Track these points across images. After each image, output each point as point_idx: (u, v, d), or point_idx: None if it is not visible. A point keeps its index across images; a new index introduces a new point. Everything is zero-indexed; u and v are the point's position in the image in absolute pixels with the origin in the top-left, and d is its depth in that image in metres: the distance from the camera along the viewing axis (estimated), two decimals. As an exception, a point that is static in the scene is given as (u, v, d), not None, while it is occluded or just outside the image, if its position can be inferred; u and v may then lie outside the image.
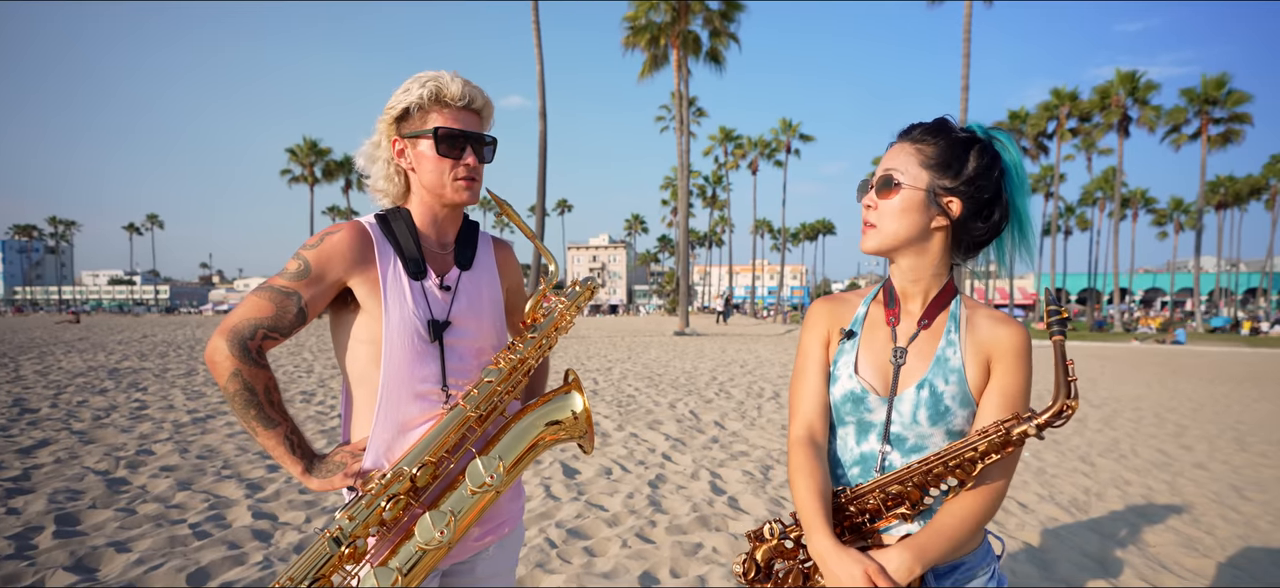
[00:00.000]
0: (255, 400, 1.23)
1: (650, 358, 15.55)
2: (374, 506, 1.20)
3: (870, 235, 1.22)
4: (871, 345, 1.26)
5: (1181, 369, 16.13)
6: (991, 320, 1.21)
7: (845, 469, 1.25)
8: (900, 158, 1.20)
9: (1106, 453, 6.16)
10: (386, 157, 1.36)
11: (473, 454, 1.30)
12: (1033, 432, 1.07)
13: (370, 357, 1.30)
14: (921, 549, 1.11)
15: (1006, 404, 1.15)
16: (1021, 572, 3.38)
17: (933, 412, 1.17)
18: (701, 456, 5.60)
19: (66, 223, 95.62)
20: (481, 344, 1.41)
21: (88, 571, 3.11)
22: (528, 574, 3.19)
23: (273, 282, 1.26)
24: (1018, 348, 1.17)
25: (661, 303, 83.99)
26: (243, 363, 1.21)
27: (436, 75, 1.31)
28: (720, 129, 60.01)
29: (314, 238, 1.29)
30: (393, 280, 1.30)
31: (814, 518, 1.15)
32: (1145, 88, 37.88)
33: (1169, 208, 58.88)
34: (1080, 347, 26.60)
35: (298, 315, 1.26)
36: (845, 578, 1.08)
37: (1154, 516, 4.35)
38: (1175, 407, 9.40)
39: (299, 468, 1.27)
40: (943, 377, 1.18)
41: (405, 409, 1.30)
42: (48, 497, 4.06)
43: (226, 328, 1.23)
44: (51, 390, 8.55)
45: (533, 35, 22.99)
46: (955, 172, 1.17)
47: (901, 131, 1.24)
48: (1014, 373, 1.17)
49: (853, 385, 1.23)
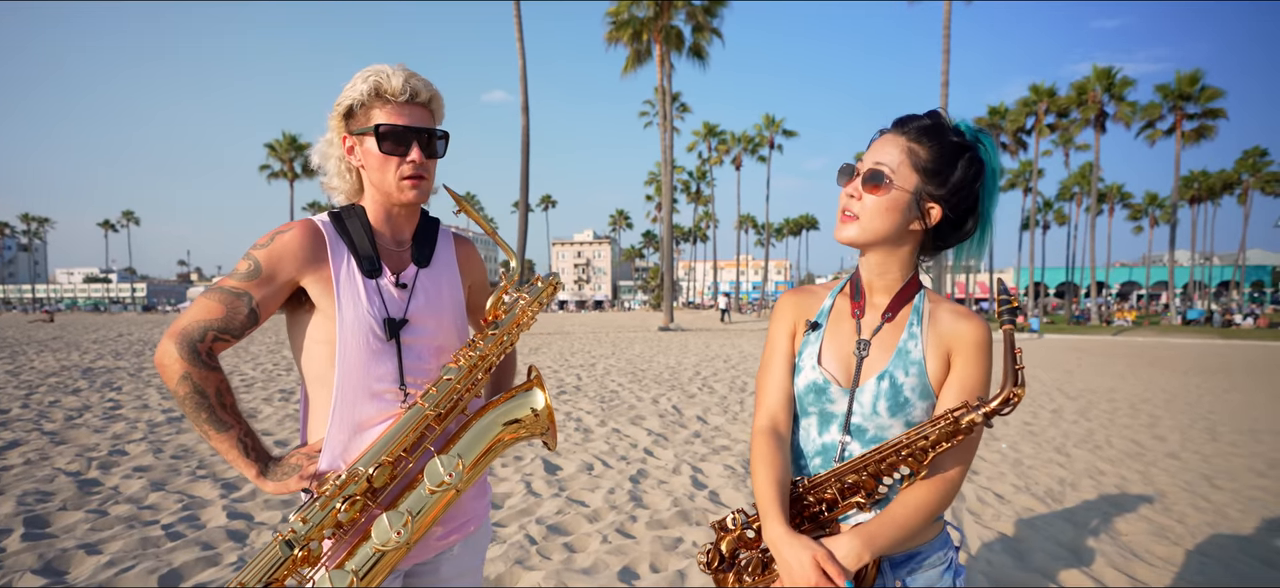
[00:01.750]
0: (206, 403, 1.21)
1: (634, 353, 15.55)
2: (329, 507, 1.18)
3: (850, 226, 1.22)
4: (836, 337, 1.27)
5: (1157, 361, 16.44)
6: (953, 315, 1.22)
7: (807, 460, 1.26)
8: (892, 153, 1.19)
9: (1082, 444, 6.27)
10: (338, 154, 1.34)
11: (432, 453, 1.28)
12: (980, 419, 1.09)
13: (326, 357, 1.28)
14: (871, 537, 1.13)
15: (964, 397, 1.16)
16: (997, 562, 3.43)
17: (892, 403, 1.19)
18: (683, 450, 5.62)
19: (40, 220, 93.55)
20: (441, 342, 1.39)
21: (57, 573, 3.05)
22: (507, 571, 3.18)
23: (223, 283, 1.25)
24: (977, 342, 1.19)
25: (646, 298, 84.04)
26: (192, 366, 1.19)
27: (378, 69, 1.28)
28: (704, 124, 60.06)
29: (265, 237, 1.27)
30: (346, 279, 1.28)
31: (769, 507, 1.17)
32: (1121, 84, 38.46)
33: (1144, 202, 59.89)
34: (1059, 340, 27.01)
35: (249, 316, 1.24)
36: (795, 564, 1.10)
37: (1127, 505, 4.43)
38: (1149, 398, 9.58)
39: (253, 471, 1.25)
40: (903, 368, 1.20)
41: (361, 409, 1.28)
42: (16, 499, 3.98)
43: (176, 331, 1.21)
44: (23, 391, 8.37)
45: (515, 30, 22.83)
46: (943, 179, 1.17)
47: (896, 122, 1.22)
48: (973, 366, 1.19)
49: (815, 376, 1.24)
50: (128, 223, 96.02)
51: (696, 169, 68.10)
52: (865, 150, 1.25)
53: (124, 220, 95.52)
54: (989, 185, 1.20)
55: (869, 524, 1.15)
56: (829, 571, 1.08)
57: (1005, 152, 47.70)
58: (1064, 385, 10.87)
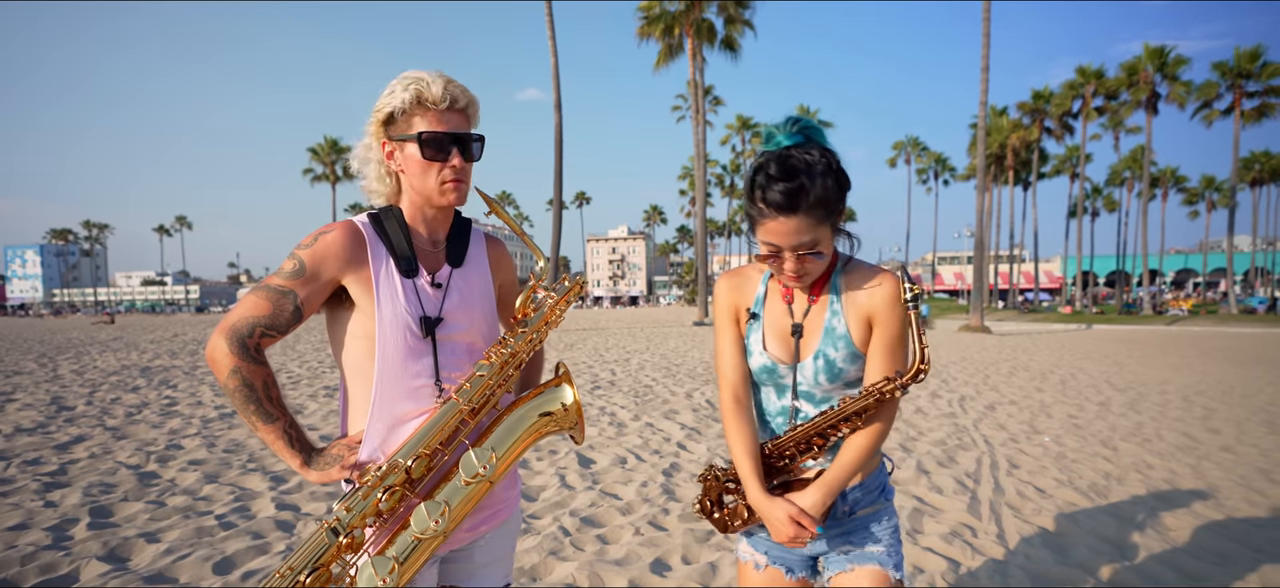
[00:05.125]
0: (254, 396, 1.26)
1: (669, 348, 15.58)
2: (370, 497, 1.23)
3: (806, 279, 1.39)
4: (773, 322, 1.49)
5: (1213, 351, 15.77)
6: (867, 283, 1.42)
7: (771, 418, 1.52)
8: (804, 230, 1.29)
9: (1130, 437, 6.07)
10: (377, 158, 1.38)
11: (466, 446, 1.33)
12: (899, 391, 1.36)
13: (365, 352, 1.34)
14: (828, 485, 1.42)
15: (888, 350, 1.39)
16: (1036, 557, 3.37)
17: (830, 374, 1.43)
18: (717, 444, 5.63)
19: (100, 226, 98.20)
20: (474, 339, 1.44)
21: (120, 560, 3.24)
22: (542, 562, 3.25)
23: (269, 281, 1.30)
24: (889, 300, 1.39)
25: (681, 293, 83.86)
26: (242, 360, 1.25)
27: (418, 77, 1.32)
28: (737, 117, 59.63)
29: (309, 238, 1.33)
30: (385, 278, 1.34)
31: (748, 476, 1.45)
32: (1175, 63, 36.88)
33: (1201, 186, 57.31)
34: (1108, 331, 26.09)
35: (294, 314, 1.29)
36: (776, 521, 1.41)
37: (1176, 500, 4.28)
38: (1204, 390, 9.20)
39: (298, 461, 1.30)
40: (832, 345, 1.42)
41: (400, 404, 1.34)
42: (83, 490, 4.22)
43: (226, 327, 1.26)
44: (87, 389, 8.83)
45: (547, 28, 23.02)
46: (835, 201, 1.32)
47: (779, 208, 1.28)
48: (890, 324, 1.39)
49: (764, 360, 1.48)
50: (181, 227, 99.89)
51: (730, 162, 67.62)
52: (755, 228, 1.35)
53: (178, 225, 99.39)
54: (833, 151, 1.35)
55: (825, 476, 1.42)
56: (802, 521, 1.39)
57: (1050, 136, 46.23)
58: (1112, 377, 10.52)
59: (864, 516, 1.51)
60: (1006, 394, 8.65)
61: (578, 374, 10.54)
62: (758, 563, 1.58)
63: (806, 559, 1.56)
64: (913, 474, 4.74)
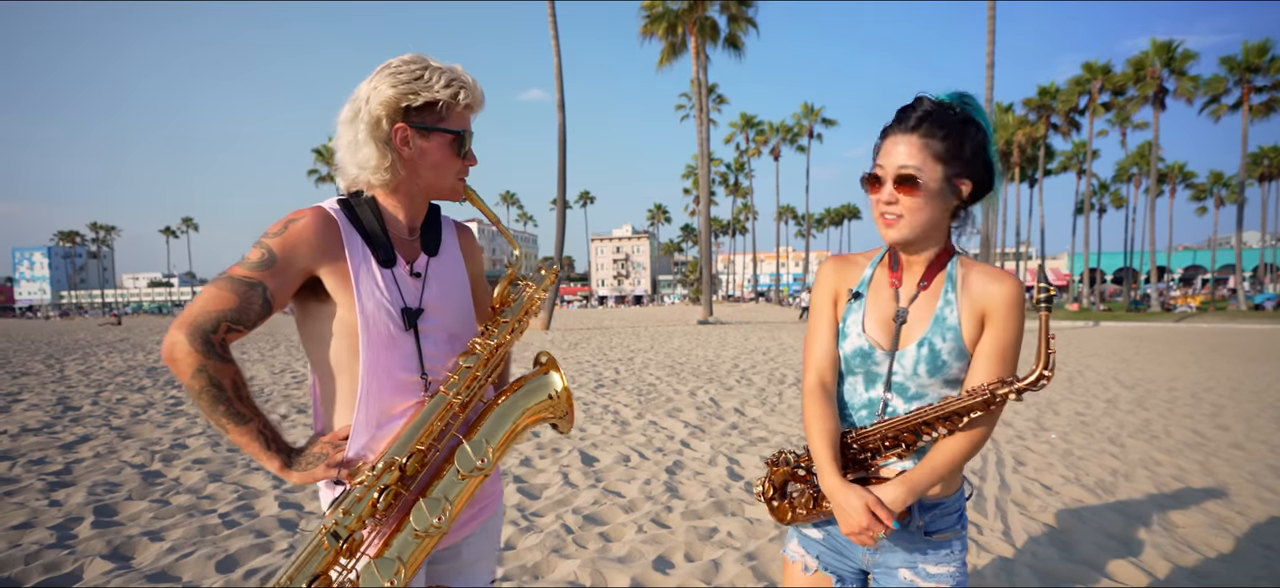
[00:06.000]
0: (224, 396, 1.18)
1: (673, 347, 15.56)
2: (366, 497, 1.18)
3: (897, 227, 1.30)
4: (877, 305, 1.39)
5: (1220, 347, 15.66)
6: (986, 277, 1.32)
7: (853, 412, 1.40)
8: (912, 152, 1.27)
9: (1138, 434, 6.02)
10: (384, 138, 1.28)
11: (459, 440, 1.29)
12: (1014, 396, 1.23)
13: (346, 347, 1.27)
14: (913, 483, 1.29)
15: (998, 354, 1.28)
16: (1042, 554, 3.34)
17: (931, 366, 1.31)
18: (720, 442, 5.61)
19: (107, 228, 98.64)
20: (455, 330, 1.40)
21: (123, 559, 3.24)
22: (544, 560, 3.23)
23: (233, 272, 1.21)
24: (1010, 301, 1.28)
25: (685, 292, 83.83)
26: (207, 358, 1.16)
27: (460, 76, 1.31)
28: (741, 115, 59.53)
29: (276, 226, 1.24)
30: (364, 269, 1.27)
31: (825, 461, 1.33)
32: (1182, 58, 36.61)
33: (1209, 182, 56.85)
34: (1116, 327, 25.95)
35: (263, 306, 1.20)
36: (850, 509, 1.28)
37: (1184, 497, 4.24)
38: (1213, 386, 9.13)
39: (277, 463, 1.23)
40: (940, 335, 1.31)
41: (387, 399, 1.28)
42: (87, 489, 4.23)
43: (187, 322, 1.16)
44: (93, 389, 8.87)
45: (550, 28, 23.00)
46: (962, 158, 1.28)
47: (898, 122, 1.30)
48: (1006, 327, 1.29)
49: (861, 342, 1.37)
50: (187, 229, 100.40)
51: (734, 161, 67.62)
52: (876, 153, 1.33)
53: (184, 227, 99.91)
54: (991, 140, 1.31)
55: (911, 473, 1.30)
56: (879, 514, 1.25)
57: (1057, 133, 45.98)
58: (1120, 374, 10.45)
59: (938, 541, 1.38)
60: (1012, 391, 8.59)
61: (582, 373, 10.54)
62: (807, 565, 1.48)
63: (859, 573, 1.45)
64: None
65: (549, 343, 17.55)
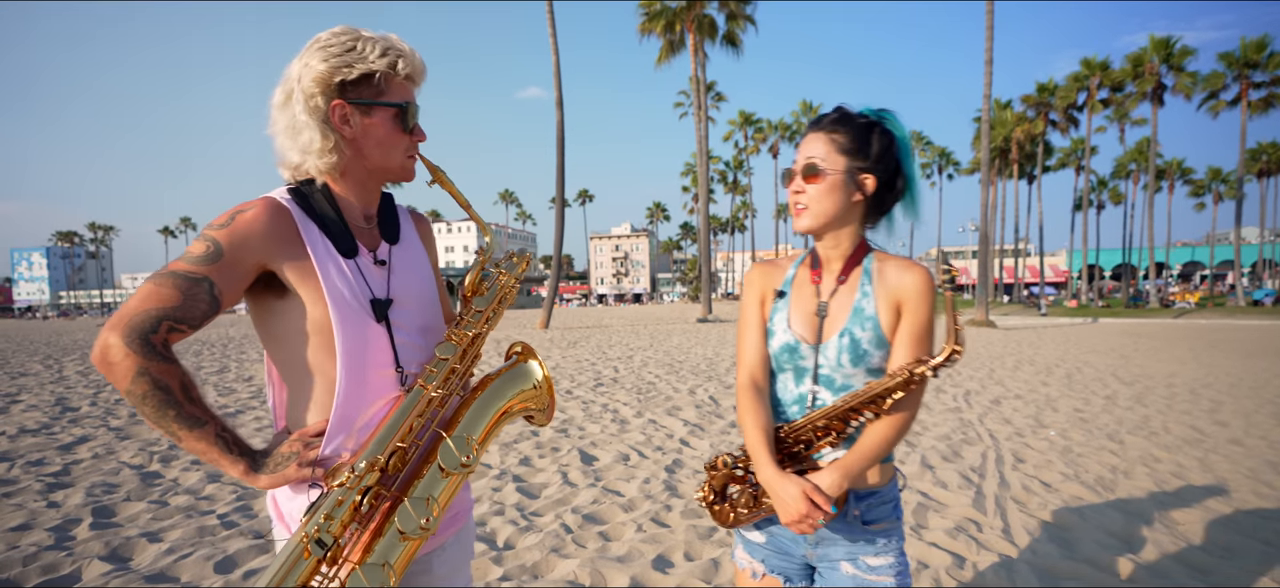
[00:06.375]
0: (172, 401, 1.06)
1: (672, 345, 15.56)
2: (348, 500, 1.10)
3: (803, 217, 1.42)
4: (800, 303, 1.47)
5: (1219, 343, 15.67)
6: (899, 269, 1.40)
7: (785, 407, 1.47)
8: (818, 146, 1.39)
9: (1136, 431, 6.03)
10: (323, 118, 1.18)
11: (440, 435, 1.21)
12: (930, 373, 1.30)
13: (317, 344, 1.18)
14: (847, 469, 1.35)
15: (914, 338, 1.36)
16: (1043, 552, 3.34)
17: (853, 356, 1.38)
18: (719, 441, 5.61)
19: (105, 228, 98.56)
20: (425, 321, 1.32)
21: (122, 560, 3.23)
22: (543, 559, 3.23)
23: (175, 267, 1.09)
24: (920, 290, 1.36)
25: (685, 290, 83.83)
26: (148, 360, 1.04)
27: (396, 45, 1.21)
28: (740, 113, 59.50)
29: (223, 217, 1.14)
30: (327, 260, 1.18)
31: (760, 453, 1.39)
32: (1181, 54, 36.58)
33: (1207, 178, 56.84)
34: (1114, 324, 25.96)
35: (210, 303, 1.10)
36: (788, 498, 1.33)
37: (1184, 493, 4.24)
38: (1211, 382, 9.14)
39: (241, 467, 1.12)
40: (860, 325, 1.39)
41: (363, 395, 1.20)
42: (85, 491, 4.22)
43: (122, 322, 1.04)
44: (92, 390, 8.85)
45: (548, 26, 22.97)
46: (865, 153, 1.38)
47: (812, 124, 1.43)
48: (919, 311, 1.36)
49: (787, 338, 1.44)
50: (186, 229, 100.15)
51: (733, 159, 67.56)
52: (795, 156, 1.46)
53: (182, 227, 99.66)
54: (903, 150, 1.41)
55: (844, 459, 1.36)
56: (816, 500, 1.30)
57: (1055, 129, 45.98)
58: (1118, 371, 10.45)
59: (874, 531, 1.43)
60: (1012, 388, 8.60)
61: (581, 371, 10.53)
62: (754, 571, 1.53)
63: (804, 569, 1.49)
64: (918, 469, 4.71)
65: (548, 341, 17.55)
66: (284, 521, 1.23)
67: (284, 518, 1.23)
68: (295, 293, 1.17)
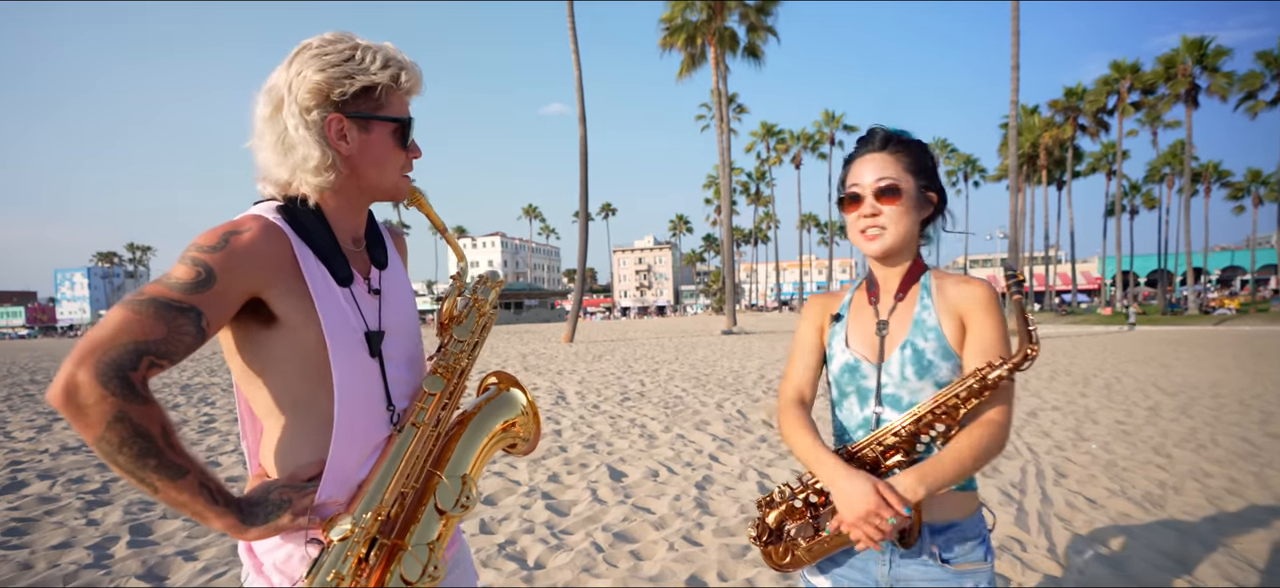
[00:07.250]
0: (153, 448, 0.91)
1: (697, 358, 15.47)
2: (353, 554, 1.01)
3: (880, 238, 1.35)
4: (858, 323, 1.44)
5: (1265, 351, 15.12)
6: (958, 283, 1.36)
7: (851, 433, 1.39)
8: (889, 167, 1.35)
9: (1183, 443, 5.80)
10: (319, 135, 1.07)
11: (433, 474, 1.14)
12: (1006, 375, 1.22)
13: (311, 381, 1.07)
14: (924, 475, 1.22)
15: (985, 351, 1.28)
16: (1090, 572, 3.20)
17: (917, 367, 1.32)
18: (749, 456, 5.52)
19: (143, 248, 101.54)
20: (410, 351, 1.24)
21: (158, 578, 3.26)
22: (575, 579, 3.18)
23: (158, 294, 0.95)
24: (984, 301, 1.31)
25: (708, 302, 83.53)
26: (128, 402, 0.88)
27: (397, 56, 1.14)
28: (762, 124, 59.47)
29: (211, 237, 1.00)
30: (324, 289, 1.08)
31: (816, 453, 1.31)
32: (1215, 54, 35.77)
33: (1246, 180, 55.21)
34: (1152, 331, 25.25)
35: (196, 336, 0.96)
36: (855, 493, 1.21)
37: (1241, 511, 4.06)
38: (1261, 392, 8.79)
39: (228, 520, 0.99)
40: (921, 335, 1.33)
41: (360, 436, 1.11)
42: (124, 508, 4.29)
43: (93, 356, 0.87)
44: (129, 407, 9.04)
45: (570, 42, 23.17)
46: (927, 172, 1.37)
47: (865, 144, 1.40)
48: (986, 324, 1.30)
49: (847, 358, 1.40)
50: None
51: (755, 170, 67.46)
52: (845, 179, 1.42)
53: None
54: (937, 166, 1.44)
55: (922, 464, 1.24)
56: (888, 497, 1.18)
57: (1084, 134, 45.12)
58: (1160, 381, 10.12)
59: (959, 570, 1.28)
60: (1048, 400, 8.37)
61: (607, 385, 10.50)
62: None
63: None
64: (955, 485, 4.57)
65: (573, 355, 17.56)
66: (262, 572, 1.11)
67: (263, 569, 1.11)
68: (284, 323, 1.06)
